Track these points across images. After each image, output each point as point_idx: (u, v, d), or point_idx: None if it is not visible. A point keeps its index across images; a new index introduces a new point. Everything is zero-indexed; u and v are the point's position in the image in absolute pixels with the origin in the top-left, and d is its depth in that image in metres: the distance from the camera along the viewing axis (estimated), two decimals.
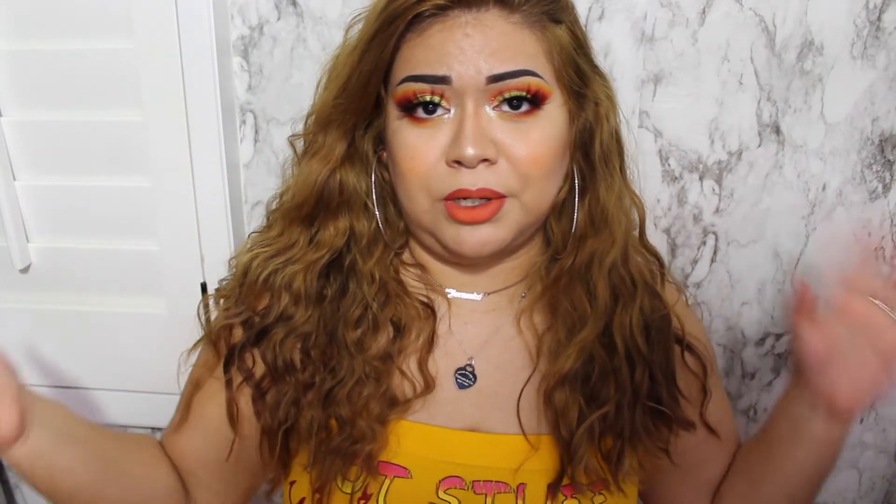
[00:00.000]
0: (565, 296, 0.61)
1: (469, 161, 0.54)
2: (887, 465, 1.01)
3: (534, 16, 0.55)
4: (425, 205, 0.58)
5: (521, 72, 0.54)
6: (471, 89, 0.54)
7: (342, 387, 0.60)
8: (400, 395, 0.61)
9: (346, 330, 0.61)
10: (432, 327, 0.63)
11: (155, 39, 0.79)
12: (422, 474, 0.60)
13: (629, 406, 0.60)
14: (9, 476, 1.11)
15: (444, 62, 0.54)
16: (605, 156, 0.60)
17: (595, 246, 0.61)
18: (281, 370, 0.61)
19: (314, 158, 0.62)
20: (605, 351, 0.60)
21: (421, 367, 0.62)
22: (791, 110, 0.82)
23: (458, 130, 0.54)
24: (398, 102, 0.57)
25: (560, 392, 0.60)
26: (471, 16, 0.54)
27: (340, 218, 0.62)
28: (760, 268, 0.90)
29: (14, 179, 0.89)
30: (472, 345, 0.64)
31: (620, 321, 0.60)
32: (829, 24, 0.78)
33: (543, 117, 0.56)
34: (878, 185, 0.85)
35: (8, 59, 0.84)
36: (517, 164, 0.55)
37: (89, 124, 0.85)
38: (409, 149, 0.57)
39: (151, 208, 0.87)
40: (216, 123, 0.82)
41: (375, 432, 0.59)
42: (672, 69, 0.81)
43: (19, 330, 0.96)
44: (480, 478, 0.59)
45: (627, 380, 0.60)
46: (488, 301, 0.65)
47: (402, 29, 0.55)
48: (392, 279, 0.64)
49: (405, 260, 0.67)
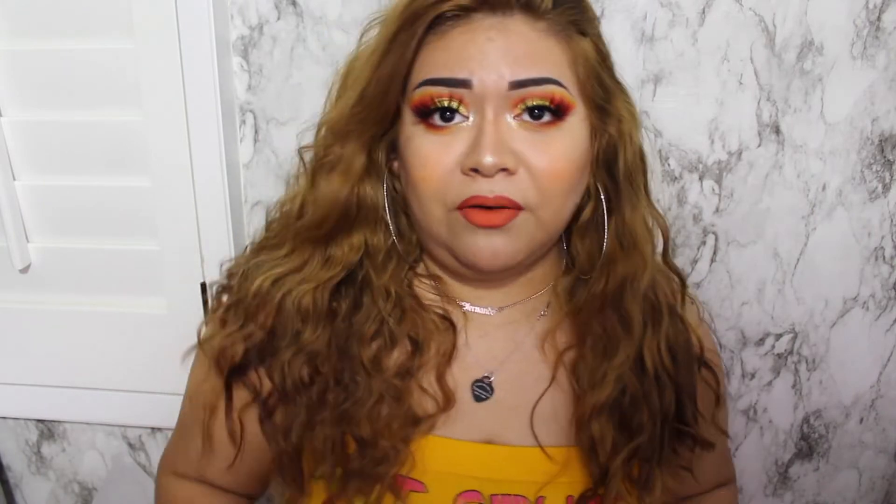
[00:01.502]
0: (598, 321, 0.60)
1: (487, 169, 0.51)
2: (887, 465, 1.01)
3: (559, 25, 0.53)
4: (439, 214, 0.55)
5: (544, 80, 0.52)
6: (492, 95, 0.52)
7: (360, 406, 0.58)
8: (420, 412, 0.59)
9: (362, 347, 0.59)
10: (453, 340, 0.61)
11: (155, 39, 0.79)
12: (438, 488, 0.58)
13: (659, 431, 0.59)
14: (9, 476, 1.11)
15: (464, 66, 0.52)
16: (631, 174, 0.58)
17: (626, 269, 0.59)
18: (290, 391, 0.59)
19: (333, 173, 0.58)
20: (635, 377, 0.59)
21: (440, 381, 0.60)
22: (791, 110, 0.82)
23: (477, 138, 0.52)
24: (414, 107, 0.54)
25: (597, 421, 0.58)
26: (495, 20, 0.52)
27: (355, 234, 0.60)
28: (760, 268, 0.90)
29: (14, 179, 0.89)
30: (489, 358, 0.62)
31: (650, 345, 0.59)
32: (829, 24, 0.78)
33: (565, 130, 0.54)
34: (878, 185, 0.85)
35: (8, 59, 0.84)
36: (537, 177, 0.53)
37: (89, 124, 0.85)
38: (422, 157, 0.54)
39: (151, 208, 0.87)
40: (216, 123, 0.82)
41: (400, 452, 0.57)
42: (672, 69, 0.81)
43: (19, 330, 0.96)
44: (498, 491, 0.58)
45: (657, 404, 0.59)
46: (502, 315, 0.63)
47: (423, 31, 0.53)
48: (407, 294, 0.62)
49: (419, 272, 0.64)
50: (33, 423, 1.06)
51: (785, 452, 1.01)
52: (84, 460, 1.08)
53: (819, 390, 0.96)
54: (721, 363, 0.69)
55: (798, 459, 1.01)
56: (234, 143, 0.87)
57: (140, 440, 1.05)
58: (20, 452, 1.09)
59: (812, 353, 0.94)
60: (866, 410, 0.97)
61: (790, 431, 0.99)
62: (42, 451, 1.08)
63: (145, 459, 1.06)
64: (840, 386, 0.96)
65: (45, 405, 1.01)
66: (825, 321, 0.92)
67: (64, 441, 1.07)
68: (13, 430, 1.07)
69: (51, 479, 1.10)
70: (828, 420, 0.98)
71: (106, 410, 1.00)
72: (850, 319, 0.92)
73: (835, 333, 0.93)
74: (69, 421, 1.04)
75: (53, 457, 1.08)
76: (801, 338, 0.93)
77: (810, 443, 1.00)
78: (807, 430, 0.99)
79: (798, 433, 0.99)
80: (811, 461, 1.01)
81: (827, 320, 0.92)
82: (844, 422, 0.98)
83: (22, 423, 1.06)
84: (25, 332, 0.96)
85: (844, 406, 0.97)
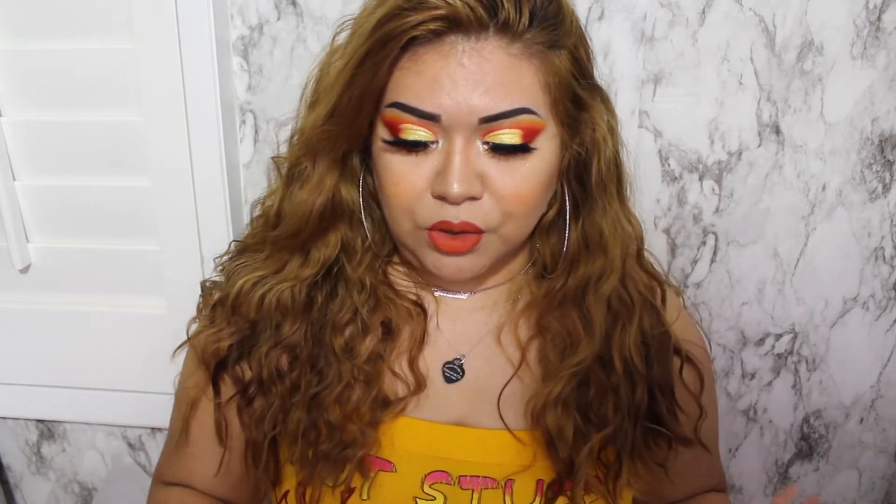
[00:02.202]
0: (556, 317, 0.61)
1: (454, 199, 0.53)
2: (887, 465, 1.01)
3: (536, 44, 0.52)
4: (408, 228, 0.57)
5: (515, 111, 0.52)
6: (461, 127, 0.52)
7: (329, 391, 0.60)
8: (391, 396, 0.61)
9: (334, 334, 0.61)
10: (423, 325, 0.63)
11: (155, 39, 0.79)
12: (406, 468, 0.59)
13: (630, 424, 0.60)
14: (9, 476, 1.11)
15: (435, 97, 0.51)
16: (603, 183, 0.59)
17: (589, 270, 0.60)
18: (267, 381, 0.61)
19: (305, 188, 0.59)
20: (602, 371, 0.60)
21: (412, 365, 0.62)
22: (791, 110, 0.82)
23: (446, 166, 0.52)
24: (386, 123, 0.54)
25: (552, 413, 0.59)
26: (468, 44, 0.51)
27: (332, 233, 0.61)
28: (760, 268, 0.90)
29: (14, 179, 0.89)
30: (460, 341, 0.64)
31: (620, 341, 0.60)
32: (829, 24, 0.78)
33: (533, 155, 0.54)
34: (878, 185, 0.85)
35: (8, 59, 0.84)
36: (501, 201, 0.54)
37: (89, 124, 0.85)
38: (394, 174, 0.55)
39: (151, 208, 0.87)
40: (216, 123, 0.82)
41: (366, 436, 0.59)
42: (672, 69, 0.81)
43: (19, 330, 0.96)
44: (467, 473, 0.59)
45: (627, 399, 0.59)
46: (475, 299, 0.65)
47: (396, 53, 0.52)
48: (381, 283, 0.63)
49: (393, 260, 0.66)
50: (33, 423, 1.06)
51: (785, 452, 1.01)
52: (84, 460, 1.08)
53: (819, 390, 0.96)
54: (707, 358, 0.68)
55: (798, 459, 1.01)
56: (234, 143, 0.87)
57: (140, 440, 1.05)
58: (20, 452, 1.09)
59: (812, 353, 0.94)
60: (866, 410, 0.97)
61: (790, 431, 0.99)
62: (42, 451, 1.08)
63: (145, 459, 1.06)
64: (840, 386, 0.96)
65: (45, 405, 1.01)
66: (825, 321, 0.92)
67: (64, 441, 1.07)
68: (13, 430, 1.07)
69: (51, 479, 1.10)
70: (828, 420, 0.98)
71: (106, 410, 1.00)
72: (850, 319, 0.92)
73: (835, 333, 0.93)
74: (69, 421, 1.04)
75: (53, 457, 1.08)
76: (801, 338, 0.93)
77: (810, 443, 1.00)
78: (807, 430, 0.99)
79: (798, 433, 0.99)
80: (811, 461, 1.01)
81: (827, 320, 0.92)
82: (844, 422, 0.98)
83: (22, 423, 1.06)
84: (25, 332, 0.96)
85: (844, 406, 0.97)
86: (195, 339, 0.64)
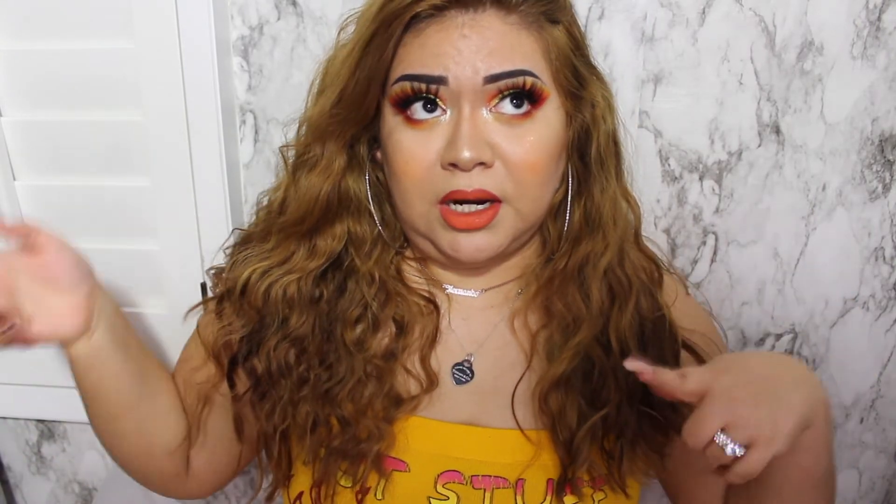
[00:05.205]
0: (559, 297, 0.61)
1: (465, 164, 0.53)
2: (887, 465, 1.01)
3: (531, 16, 0.55)
4: (421, 208, 0.57)
5: (518, 72, 0.54)
6: (467, 90, 0.54)
7: (342, 386, 0.60)
8: (404, 393, 0.61)
9: (345, 329, 0.61)
10: (436, 323, 0.63)
11: (155, 39, 0.79)
12: (420, 468, 0.60)
13: (627, 407, 0.60)
14: (9, 476, 1.11)
15: (440, 63, 0.53)
16: (601, 158, 0.60)
17: (589, 248, 0.60)
18: (275, 374, 0.61)
19: (313, 173, 0.60)
20: (602, 351, 0.60)
21: (424, 363, 0.62)
22: (791, 110, 0.82)
23: (454, 133, 0.54)
24: (393, 102, 0.56)
25: (555, 394, 0.59)
26: (468, 17, 0.54)
27: (338, 224, 0.62)
28: (760, 268, 0.90)
29: (14, 179, 0.89)
30: (470, 341, 0.64)
31: (616, 322, 0.60)
32: (829, 24, 0.78)
33: (540, 120, 0.56)
34: (878, 185, 0.85)
35: (8, 59, 0.84)
36: (512, 168, 0.55)
37: (89, 124, 0.85)
38: (404, 151, 0.56)
39: (151, 208, 0.87)
40: (216, 123, 0.82)
41: (382, 431, 0.59)
42: (672, 69, 0.81)
43: None
44: (479, 472, 0.59)
45: (623, 381, 0.60)
46: (485, 298, 0.65)
47: (400, 32, 0.54)
48: (392, 277, 0.64)
49: (407, 255, 0.66)
50: (33, 423, 1.06)
51: None
52: (84, 460, 1.08)
53: None
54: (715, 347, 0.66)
55: None
56: (234, 143, 0.87)
57: None
58: (20, 452, 1.09)
59: (812, 353, 0.94)
60: (866, 410, 0.97)
61: None
62: (42, 451, 1.08)
63: None
64: (840, 386, 0.96)
65: (45, 405, 1.01)
66: (825, 321, 0.92)
67: (64, 441, 1.07)
68: (13, 430, 1.07)
69: (51, 479, 1.10)
70: None
71: None
72: (850, 319, 0.92)
73: (835, 333, 0.93)
74: (69, 421, 1.04)
75: (53, 457, 1.08)
76: (801, 338, 0.93)
77: None
78: None
79: None
80: None
81: (827, 320, 0.92)
82: (844, 422, 0.98)
83: (22, 423, 1.06)
84: None
85: (844, 406, 0.97)
86: (204, 333, 0.65)
